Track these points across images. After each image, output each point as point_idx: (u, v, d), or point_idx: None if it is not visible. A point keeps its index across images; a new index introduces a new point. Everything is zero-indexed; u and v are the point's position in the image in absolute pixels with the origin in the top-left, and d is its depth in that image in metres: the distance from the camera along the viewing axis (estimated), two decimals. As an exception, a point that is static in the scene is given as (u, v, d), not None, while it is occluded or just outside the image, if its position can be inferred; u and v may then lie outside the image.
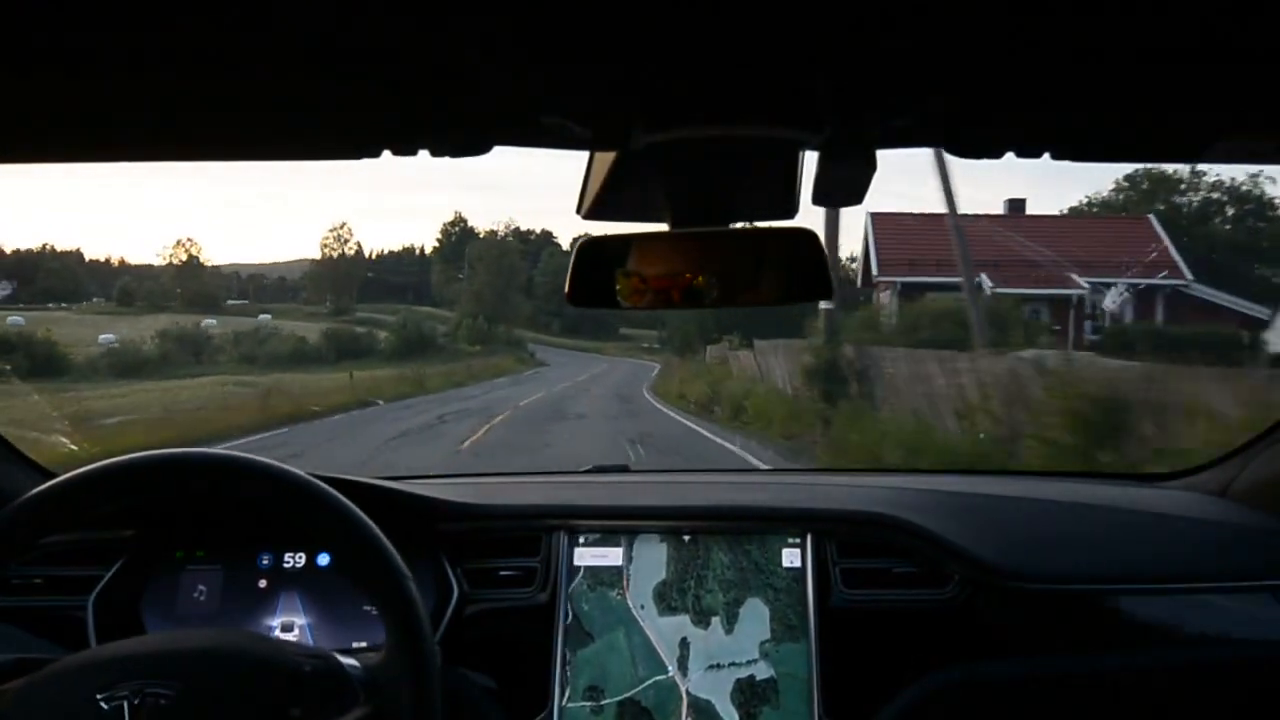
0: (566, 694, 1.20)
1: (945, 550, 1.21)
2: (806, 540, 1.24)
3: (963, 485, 1.47)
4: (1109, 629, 1.26)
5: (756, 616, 1.22)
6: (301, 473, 0.85)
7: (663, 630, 1.22)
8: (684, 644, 1.22)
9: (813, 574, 1.22)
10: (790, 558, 1.24)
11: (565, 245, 55.24)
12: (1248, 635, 1.26)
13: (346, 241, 47.51)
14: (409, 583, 0.81)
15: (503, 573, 1.26)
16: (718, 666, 1.20)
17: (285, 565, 1.24)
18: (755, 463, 8.17)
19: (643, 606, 1.23)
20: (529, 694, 1.20)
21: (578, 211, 0.94)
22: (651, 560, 1.25)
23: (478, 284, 41.37)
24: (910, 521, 1.23)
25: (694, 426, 11.88)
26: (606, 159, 0.84)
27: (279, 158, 0.81)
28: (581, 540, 1.27)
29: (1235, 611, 1.27)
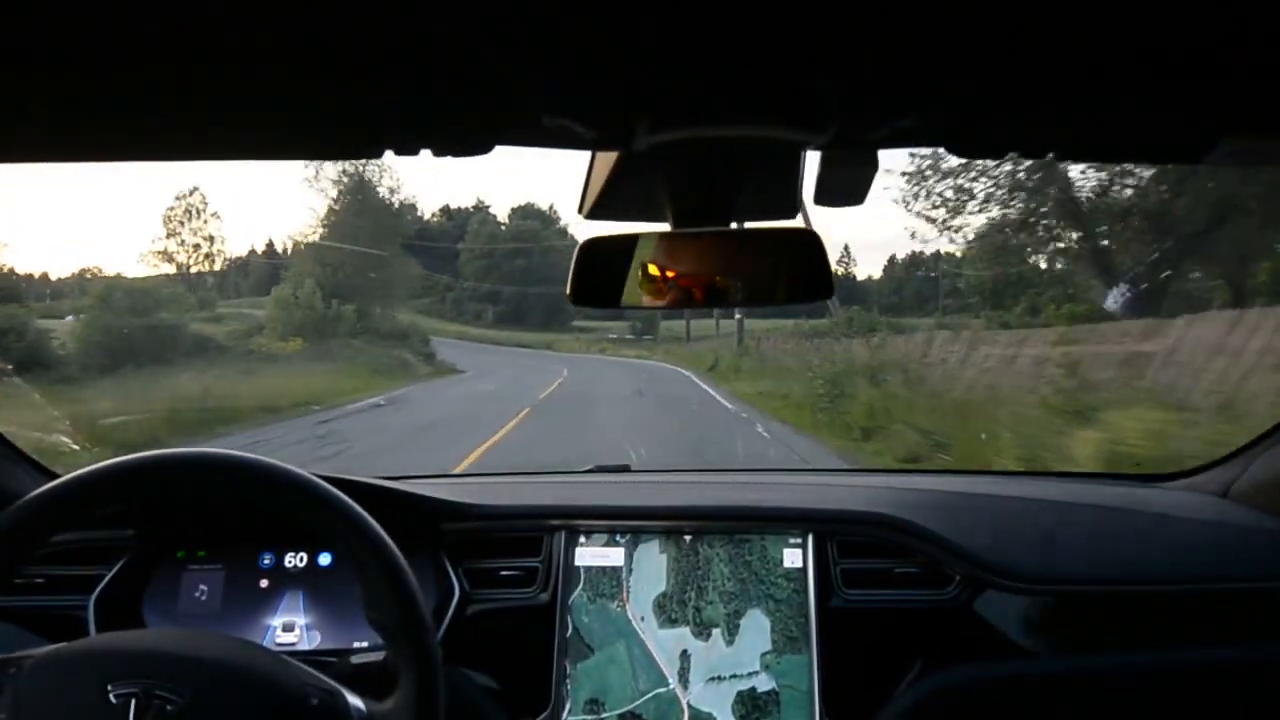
0: (567, 707, 1.19)
1: (946, 550, 1.21)
2: (808, 540, 1.24)
3: (964, 485, 1.47)
4: (1110, 629, 1.26)
5: (757, 628, 1.21)
6: (306, 473, 0.85)
7: (663, 642, 1.22)
8: (684, 656, 1.21)
9: (814, 574, 1.22)
10: (791, 558, 1.24)
11: (501, 216, 46.18)
12: (1249, 636, 1.25)
13: (199, 214, 31.93)
14: (430, 634, 0.82)
15: (504, 572, 1.26)
16: (719, 679, 1.20)
17: (286, 565, 1.25)
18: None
19: (643, 618, 1.23)
20: (529, 694, 1.20)
21: (579, 211, 0.94)
22: (651, 571, 1.25)
23: (321, 235, 23.19)
24: (911, 521, 1.23)
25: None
26: (609, 159, 0.84)
27: (281, 158, 0.81)
28: (583, 540, 1.27)
29: (1236, 612, 1.27)
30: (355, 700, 0.81)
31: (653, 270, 0.84)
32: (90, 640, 0.79)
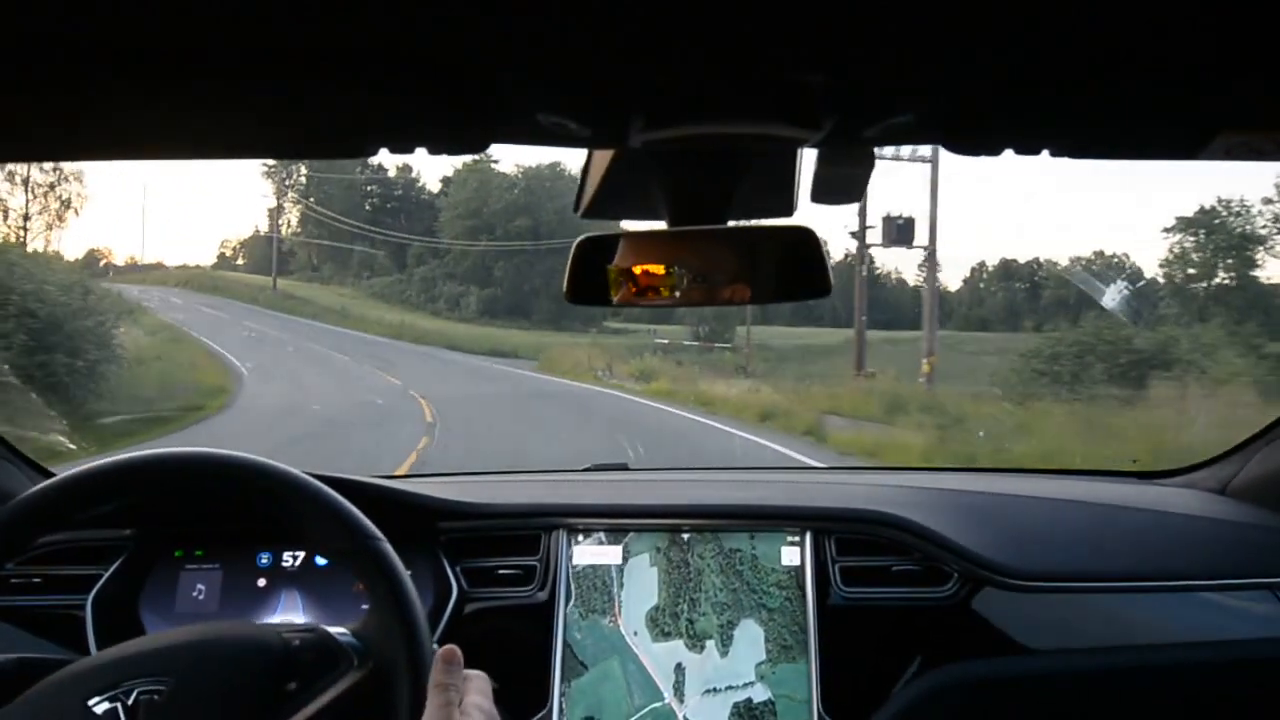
0: None
1: (944, 548, 1.21)
2: (805, 538, 1.24)
3: (962, 483, 1.47)
4: (1108, 627, 1.26)
5: (751, 638, 1.21)
6: (299, 472, 0.85)
7: (657, 656, 1.21)
8: (679, 669, 1.21)
9: (812, 572, 1.22)
10: (789, 556, 1.24)
11: (508, 169, 30.24)
12: (1248, 634, 1.26)
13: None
14: (383, 544, 0.82)
15: (502, 571, 1.26)
16: (714, 691, 1.19)
17: (284, 564, 1.25)
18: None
19: (636, 633, 1.23)
20: (526, 694, 1.20)
21: (575, 210, 0.94)
22: (643, 585, 1.24)
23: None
24: (909, 519, 1.23)
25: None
26: (605, 157, 0.84)
27: (278, 156, 0.81)
28: (580, 539, 1.27)
29: (1235, 610, 1.27)
30: (335, 629, 0.81)
31: (650, 268, 0.84)
32: (61, 670, 0.79)
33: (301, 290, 32.04)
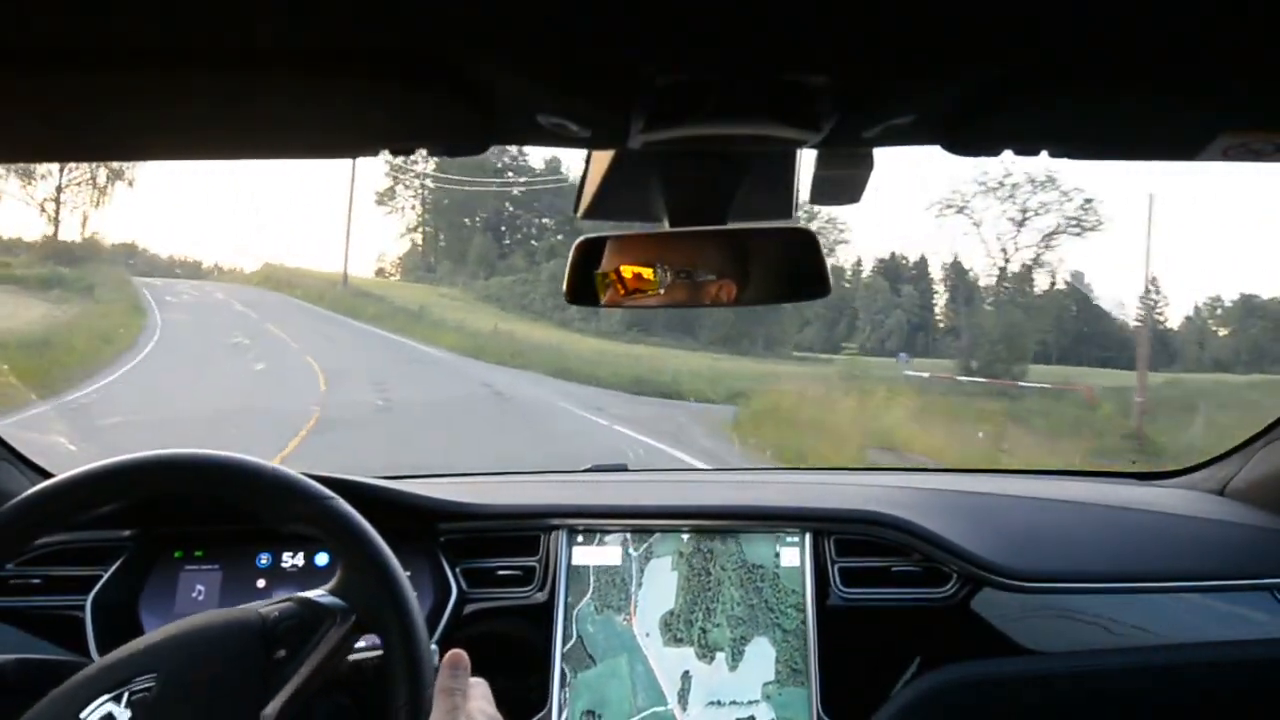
0: (564, 715, 1.19)
1: (942, 549, 1.21)
2: (805, 538, 1.24)
3: (961, 484, 1.47)
4: (1108, 628, 1.26)
5: (762, 656, 1.21)
6: (296, 473, 0.85)
7: (666, 661, 1.21)
8: (686, 677, 1.21)
9: (811, 572, 1.22)
10: (789, 556, 1.24)
11: None
12: (1247, 634, 1.26)
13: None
14: (335, 500, 0.82)
15: (501, 572, 1.26)
16: (718, 704, 1.19)
17: (284, 565, 1.25)
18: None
19: (648, 634, 1.23)
20: (526, 694, 1.20)
21: (575, 211, 0.94)
22: (660, 588, 1.24)
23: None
24: (908, 520, 1.23)
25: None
26: (604, 158, 0.84)
27: (276, 156, 0.81)
28: (580, 540, 1.27)
29: (1234, 610, 1.27)
30: (312, 592, 0.82)
31: (638, 270, 0.84)
32: (48, 696, 0.79)
33: (380, 288, 28.15)
